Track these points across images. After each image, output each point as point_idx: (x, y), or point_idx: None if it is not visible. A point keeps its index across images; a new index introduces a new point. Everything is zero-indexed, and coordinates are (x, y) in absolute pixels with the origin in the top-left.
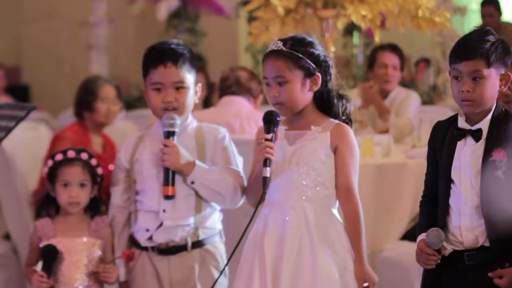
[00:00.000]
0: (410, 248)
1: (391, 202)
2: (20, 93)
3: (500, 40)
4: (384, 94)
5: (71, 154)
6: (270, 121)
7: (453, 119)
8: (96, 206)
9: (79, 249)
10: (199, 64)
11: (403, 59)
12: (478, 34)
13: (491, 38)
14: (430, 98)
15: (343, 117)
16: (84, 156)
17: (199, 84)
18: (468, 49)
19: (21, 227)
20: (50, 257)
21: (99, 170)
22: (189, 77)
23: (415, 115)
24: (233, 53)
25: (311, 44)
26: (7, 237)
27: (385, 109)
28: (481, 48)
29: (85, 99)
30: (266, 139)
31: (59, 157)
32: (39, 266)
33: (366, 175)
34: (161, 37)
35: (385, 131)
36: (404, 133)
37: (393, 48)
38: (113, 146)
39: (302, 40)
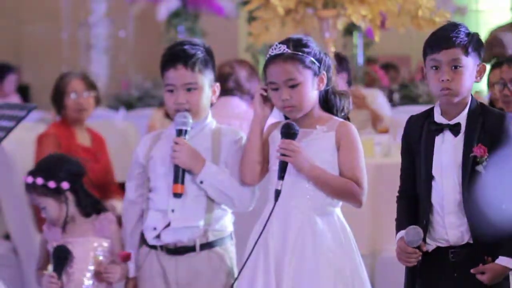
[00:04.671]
0: None
1: (391, 202)
2: (20, 93)
3: (475, 33)
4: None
5: (28, 179)
6: (288, 135)
7: (428, 113)
8: (92, 206)
9: (85, 250)
10: None
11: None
12: (452, 26)
13: (464, 29)
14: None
15: (342, 114)
16: (29, 179)
17: (217, 84)
18: (446, 38)
19: (21, 227)
20: (62, 258)
21: (51, 184)
22: (202, 77)
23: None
24: (233, 53)
25: (310, 44)
26: (7, 237)
27: (378, 117)
28: (458, 38)
29: (57, 96)
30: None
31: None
32: (50, 269)
33: (366, 175)
34: (161, 37)
35: (385, 131)
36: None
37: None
38: (101, 140)
39: (301, 40)
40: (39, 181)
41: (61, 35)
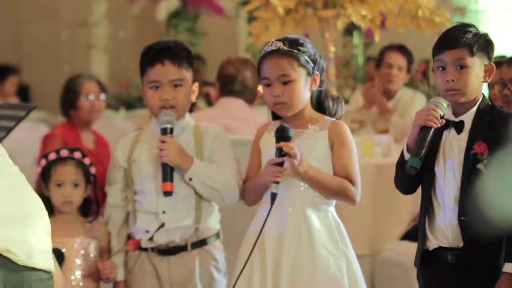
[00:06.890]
0: (410, 248)
1: (391, 202)
2: (20, 93)
3: (483, 33)
4: (389, 94)
5: (64, 153)
6: (283, 139)
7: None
8: (89, 206)
9: (74, 250)
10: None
11: (411, 61)
12: (460, 26)
13: (473, 29)
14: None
15: (335, 118)
16: (77, 155)
17: (196, 83)
18: (451, 38)
19: None
20: (56, 260)
21: (92, 169)
22: (187, 75)
23: None
24: (233, 53)
25: (306, 44)
26: None
27: (386, 109)
28: (464, 38)
29: (69, 98)
30: (277, 163)
31: (52, 156)
32: None
33: (366, 175)
34: (161, 37)
35: (385, 131)
36: (406, 134)
37: (400, 49)
38: (105, 143)
39: (298, 40)
40: (77, 154)
41: (61, 35)
